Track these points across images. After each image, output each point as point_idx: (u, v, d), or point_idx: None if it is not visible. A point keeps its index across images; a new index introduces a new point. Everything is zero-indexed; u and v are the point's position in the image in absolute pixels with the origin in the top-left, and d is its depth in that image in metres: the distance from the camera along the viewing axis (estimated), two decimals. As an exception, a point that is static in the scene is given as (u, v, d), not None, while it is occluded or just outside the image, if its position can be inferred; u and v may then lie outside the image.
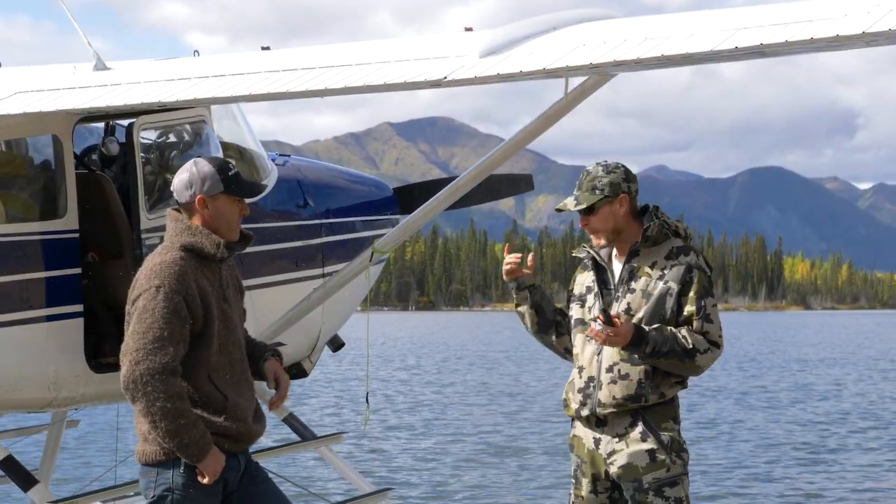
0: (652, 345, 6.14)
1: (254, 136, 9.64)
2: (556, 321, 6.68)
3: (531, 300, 6.65)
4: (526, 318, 6.69)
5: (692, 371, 6.28)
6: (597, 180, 6.43)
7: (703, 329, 6.26)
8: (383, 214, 10.48)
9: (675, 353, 6.18)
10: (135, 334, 5.58)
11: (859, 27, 5.68)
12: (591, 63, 6.36)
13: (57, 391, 8.23)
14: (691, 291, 6.28)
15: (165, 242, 5.80)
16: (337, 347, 10.52)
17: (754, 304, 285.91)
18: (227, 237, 5.83)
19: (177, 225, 5.79)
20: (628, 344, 6.15)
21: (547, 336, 6.68)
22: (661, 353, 6.16)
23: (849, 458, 21.10)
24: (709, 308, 6.29)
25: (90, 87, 7.92)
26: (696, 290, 6.28)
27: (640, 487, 6.28)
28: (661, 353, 6.16)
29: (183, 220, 5.79)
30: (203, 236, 5.74)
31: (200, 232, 5.75)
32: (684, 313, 6.27)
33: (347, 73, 6.99)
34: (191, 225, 5.77)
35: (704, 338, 6.25)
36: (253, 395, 5.89)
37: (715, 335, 6.29)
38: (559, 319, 6.68)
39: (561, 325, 6.67)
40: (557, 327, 6.67)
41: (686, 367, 6.25)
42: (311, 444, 9.80)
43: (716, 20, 6.43)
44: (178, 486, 5.65)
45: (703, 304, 6.28)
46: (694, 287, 6.29)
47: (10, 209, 8.18)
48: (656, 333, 6.16)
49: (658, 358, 6.18)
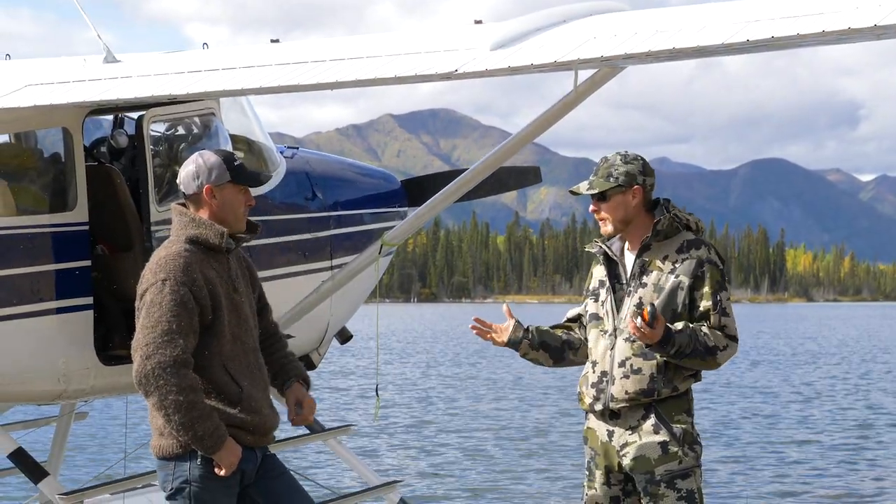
0: (677, 346, 6.14)
1: (262, 128, 9.65)
2: (565, 342, 6.65)
3: (532, 345, 6.63)
4: (539, 361, 6.67)
5: (711, 367, 6.30)
6: (613, 168, 6.44)
7: (721, 324, 6.27)
8: (391, 207, 10.49)
9: (698, 352, 6.19)
10: (144, 329, 5.59)
11: (870, 20, 5.69)
12: (602, 56, 6.37)
13: (67, 383, 8.25)
14: (705, 286, 6.28)
15: (171, 236, 5.83)
16: (345, 340, 10.53)
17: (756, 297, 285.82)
18: (234, 228, 5.86)
19: (181, 218, 5.82)
20: (655, 343, 6.15)
21: (565, 361, 6.68)
22: (685, 354, 6.18)
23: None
24: (724, 302, 6.30)
25: (101, 80, 7.94)
26: (711, 284, 6.29)
27: (653, 479, 6.29)
28: (685, 353, 6.18)
29: (188, 213, 5.82)
30: (207, 227, 5.76)
31: (204, 223, 5.77)
32: (700, 308, 6.27)
33: (358, 66, 7.00)
34: (195, 217, 5.79)
35: (723, 333, 6.26)
36: (267, 385, 5.90)
37: (732, 329, 6.30)
38: (566, 338, 6.66)
39: (572, 342, 6.65)
40: (570, 346, 6.65)
41: (706, 365, 6.27)
42: (320, 436, 9.82)
43: (727, 13, 6.44)
44: (196, 479, 5.66)
45: (718, 299, 6.28)
46: (708, 282, 6.29)
47: (21, 202, 8.20)
48: (681, 335, 6.15)
49: (681, 358, 6.19)
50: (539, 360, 6.66)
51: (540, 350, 6.62)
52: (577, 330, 6.67)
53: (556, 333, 6.66)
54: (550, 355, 6.64)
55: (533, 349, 6.61)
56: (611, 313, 6.42)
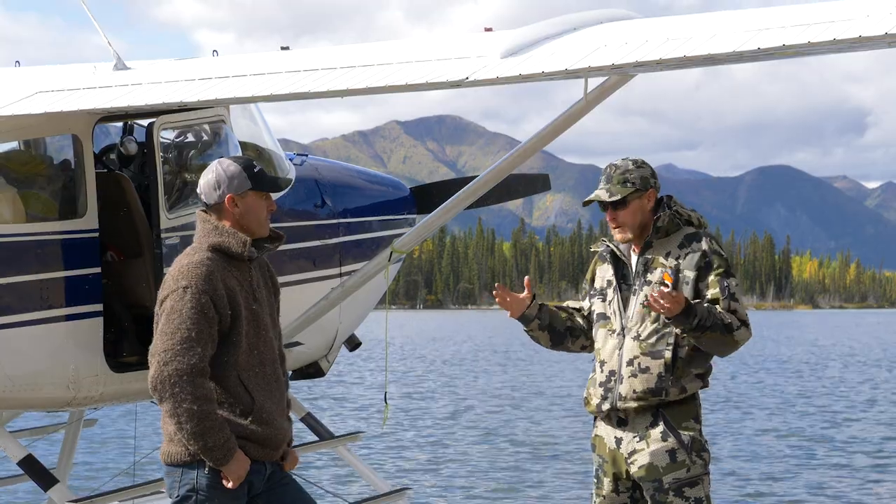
0: (699, 317, 6.13)
1: (272, 135, 9.66)
2: (567, 329, 6.70)
3: (541, 325, 6.67)
4: (540, 340, 6.74)
5: (731, 346, 6.28)
6: (628, 173, 6.45)
7: (731, 307, 6.27)
8: (400, 214, 10.50)
9: (718, 326, 6.18)
10: (163, 335, 5.58)
11: (882, 28, 5.69)
12: (613, 63, 6.37)
13: (76, 390, 8.27)
14: (711, 275, 6.30)
15: (194, 243, 5.82)
16: (353, 347, 10.54)
17: (762, 303, 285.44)
18: (257, 234, 5.86)
19: (205, 225, 5.81)
20: (678, 314, 6.13)
21: (562, 346, 6.74)
22: (706, 327, 6.15)
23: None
24: (732, 287, 6.31)
25: (111, 87, 7.96)
26: (717, 272, 6.31)
27: (661, 487, 6.29)
28: (706, 326, 6.15)
29: (211, 220, 5.81)
30: (230, 236, 5.76)
31: (227, 232, 5.76)
32: (708, 296, 6.27)
33: (369, 73, 7.01)
34: (218, 225, 5.79)
35: (735, 316, 6.26)
36: (282, 396, 5.88)
37: (743, 314, 6.30)
38: (570, 325, 6.70)
39: (574, 330, 6.70)
40: (571, 333, 6.70)
41: (726, 343, 6.25)
42: (330, 443, 9.83)
43: (738, 21, 6.44)
44: (203, 488, 5.65)
45: (726, 285, 6.30)
46: (714, 270, 6.31)
47: (31, 209, 8.22)
48: (700, 307, 6.16)
49: (703, 331, 6.17)
50: (539, 340, 6.73)
51: (545, 331, 6.67)
52: (579, 318, 6.70)
53: (561, 316, 6.71)
54: (551, 338, 6.70)
55: (540, 329, 6.67)
56: (618, 312, 6.45)
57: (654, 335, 6.33)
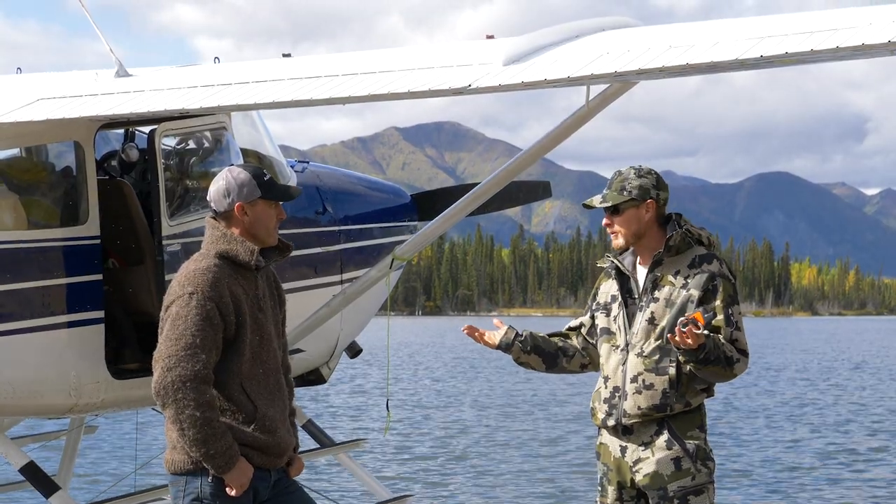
0: (706, 352, 6.12)
1: (273, 142, 9.67)
2: (559, 349, 6.63)
3: (524, 348, 6.60)
4: (532, 365, 6.66)
5: (728, 379, 6.28)
6: (627, 182, 6.43)
7: (733, 337, 6.25)
8: (402, 221, 10.50)
9: (720, 360, 6.16)
10: (167, 340, 5.58)
11: (884, 36, 5.69)
12: (616, 71, 6.37)
13: (78, 397, 8.26)
14: (717, 300, 6.26)
15: (202, 249, 5.82)
16: (355, 354, 10.54)
17: (761, 310, 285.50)
18: (266, 242, 5.85)
19: (213, 232, 5.80)
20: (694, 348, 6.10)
21: (557, 368, 6.66)
22: (710, 361, 6.15)
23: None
24: (736, 316, 6.29)
25: (113, 94, 7.96)
26: (723, 298, 6.27)
27: (665, 496, 6.27)
28: (710, 360, 6.14)
29: (220, 227, 5.80)
30: (238, 244, 5.75)
31: (236, 240, 5.76)
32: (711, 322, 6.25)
33: (372, 81, 7.00)
34: (227, 232, 5.78)
35: (734, 346, 6.25)
36: (285, 406, 5.87)
37: (743, 344, 6.28)
38: (561, 345, 6.63)
39: (566, 349, 6.63)
40: (564, 353, 6.63)
41: (724, 375, 6.23)
42: (331, 450, 9.82)
43: (740, 28, 6.45)
44: (207, 496, 5.64)
45: (730, 313, 6.27)
46: (720, 296, 6.27)
47: (33, 215, 8.21)
48: (709, 340, 6.12)
49: (706, 365, 6.15)
50: (532, 365, 6.64)
51: (532, 354, 6.59)
52: (575, 339, 6.65)
53: (550, 340, 6.64)
54: (543, 360, 6.61)
55: (525, 353, 6.58)
56: (623, 328, 6.41)
57: (657, 352, 6.29)
